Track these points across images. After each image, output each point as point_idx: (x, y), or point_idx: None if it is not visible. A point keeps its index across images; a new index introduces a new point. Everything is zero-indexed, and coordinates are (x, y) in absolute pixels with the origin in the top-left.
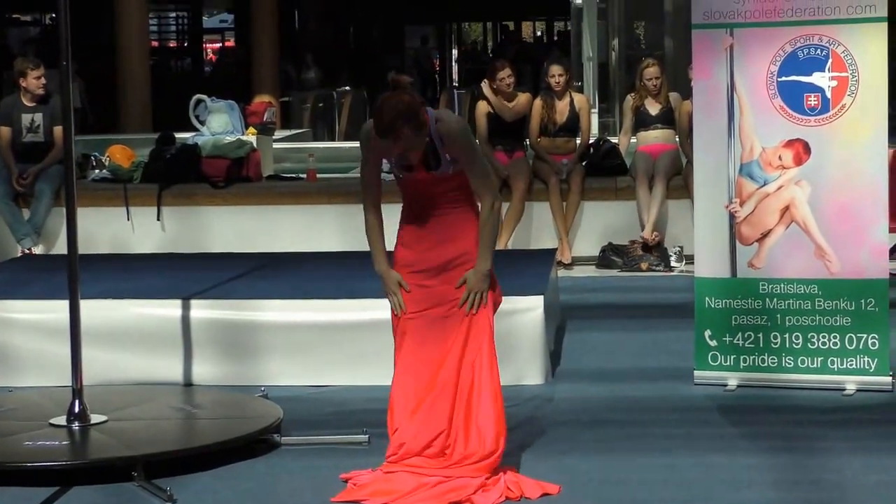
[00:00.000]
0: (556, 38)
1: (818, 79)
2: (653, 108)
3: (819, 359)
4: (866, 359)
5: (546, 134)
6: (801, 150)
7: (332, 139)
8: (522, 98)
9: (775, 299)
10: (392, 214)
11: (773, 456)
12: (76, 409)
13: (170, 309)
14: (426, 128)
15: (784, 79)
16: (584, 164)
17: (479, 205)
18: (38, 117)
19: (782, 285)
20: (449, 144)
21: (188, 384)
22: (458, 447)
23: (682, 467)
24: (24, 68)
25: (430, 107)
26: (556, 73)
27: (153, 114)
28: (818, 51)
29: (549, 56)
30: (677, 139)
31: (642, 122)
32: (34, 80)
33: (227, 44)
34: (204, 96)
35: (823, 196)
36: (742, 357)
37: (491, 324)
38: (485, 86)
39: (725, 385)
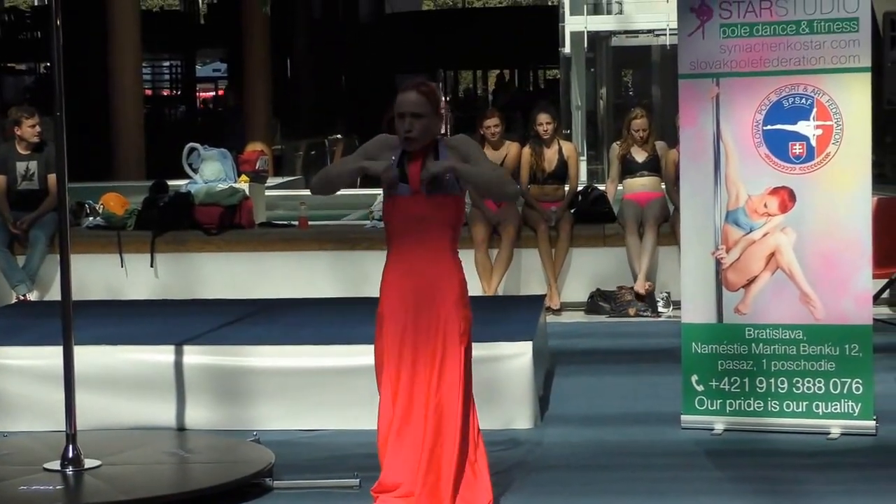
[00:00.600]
0: (542, 87)
1: (803, 127)
2: (639, 155)
3: (804, 403)
4: (850, 403)
5: (535, 181)
6: (787, 197)
7: None
8: (512, 149)
9: (761, 344)
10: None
11: (759, 499)
12: (70, 454)
13: (163, 355)
14: (441, 119)
15: (769, 127)
16: (572, 211)
17: None
18: (33, 165)
19: (768, 331)
20: (456, 147)
21: (181, 429)
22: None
23: None
24: (19, 117)
25: None
26: (543, 122)
27: (147, 161)
28: (803, 100)
29: (536, 105)
30: (664, 186)
31: (629, 169)
32: (29, 129)
33: (219, 92)
34: (197, 144)
35: (808, 243)
36: (728, 401)
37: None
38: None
39: (712, 429)
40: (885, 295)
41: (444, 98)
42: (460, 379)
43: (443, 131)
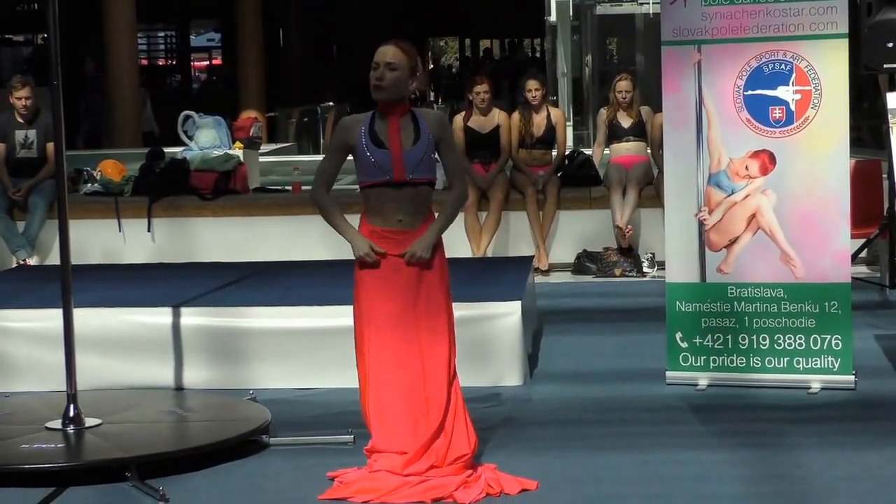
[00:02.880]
0: (535, 55)
1: (783, 92)
2: (625, 121)
3: (785, 359)
4: (830, 359)
5: (523, 146)
6: (767, 160)
7: (317, 153)
8: (501, 117)
9: (743, 302)
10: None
11: (742, 452)
12: (71, 413)
13: (160, 317)
14: (415, 77)
15: (750, 92)
16: (559, 175)
17: (451, 188)
18: (32, 134)
19: (750, 289)
20: (432, 123)
21: (179, 388)
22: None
23: (655, 463)
24: (11, 87)
25: None
26: (532, 88)
27: (143, 129)
28: (782, 66)
29: (525, 72)
30: (649, 151)
31: (615, 134)
32: (17, 100)
33: (214, 62)
34: (192, 112)
35: (788, 204)
36: (712, 358)
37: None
38: (457, 118)
39: (696, 385)
40: (863, 254)
41: (424, 64)
42: (446, 331)
43: (418, 95)
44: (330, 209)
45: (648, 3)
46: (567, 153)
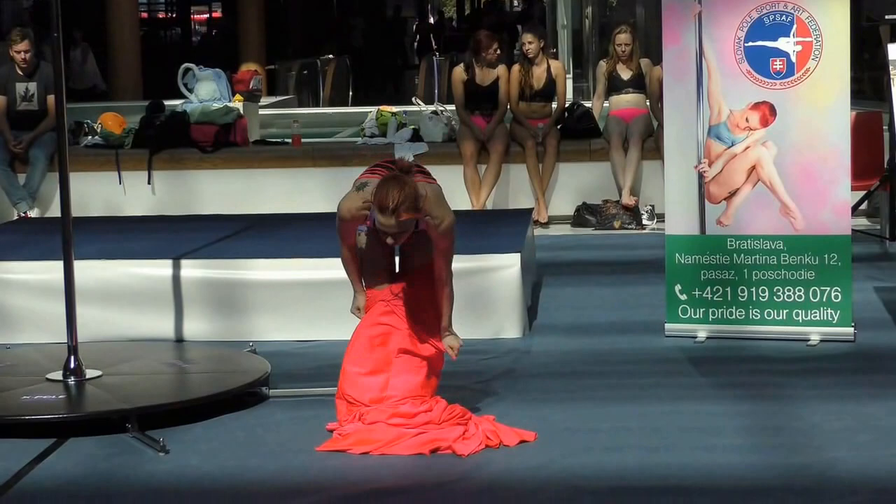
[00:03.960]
0: (529, 7)
1: (783, 44)
2: (624, 73)
3: (784, 311)
4: (830, 311)
5: (523, 99)
6: (767, 112)
7: (317, 105)
8: (501, 71)
9: (742, 255)
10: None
11: (741, 404)
12: (72, 365)
13: (161, 269)
14: (420, 214)
15: (750, 44)
16: (559, 127)
17: (439, 282)
18: (33, 86)
19: (749, 241)
20: (433, 234)
21: (179, 340)
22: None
23: (654, 415)
24: (10, 40)
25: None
26: (527, 41)
27: (143, 82)
28: (783, 17)
29: (524, 25)
30: (648, 103)
31: (614, 86)
32: (16, 54)
33: (213, 15)
34: (192, 65)
35: (788, 156)
36: (711, 310)
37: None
38: (458, 70)
39: (695, 337)
40: (863, 206)
41: (427, 16)
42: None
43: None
44: (347, 265)
45: None
46: (567, 106)
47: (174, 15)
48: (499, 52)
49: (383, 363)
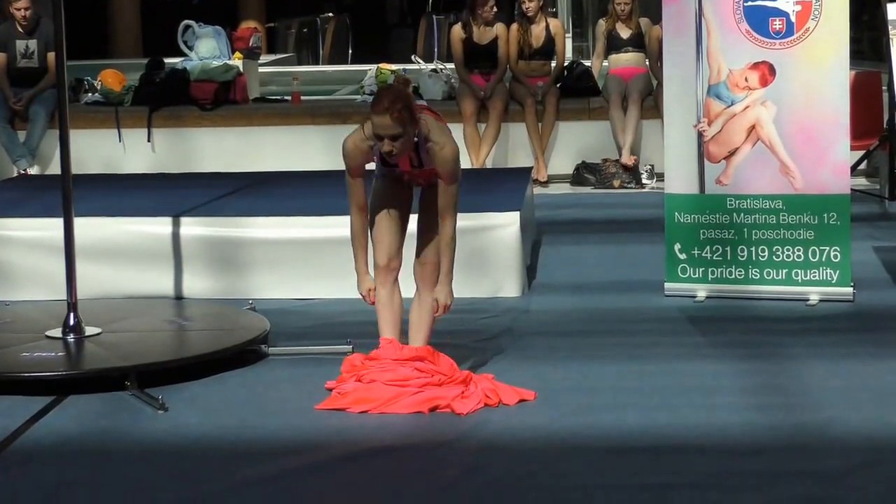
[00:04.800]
0: None
1: (783, 3)
2: (624, 32)
3: (784, 271)
4: (829, 271)
5: (522, 58)
6: (767, 71)
7: (316, 63)
8: (500, 29)
9: (742, 214)
10: None
11: (740, 363)
12: (71, 322)
13: (161, 226)
14: (416, 126)
15: (750, 3)
16: (558, 86)
17: (441, 223)
18: (33, 44)
19: (749, 201)
20: (437, 164)
21: (179, 298)
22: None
23: (653, 374)
24: None
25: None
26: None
27: (143, 40)
28: None
29: None
30: (647, 62)
31: (614, 45)
32: (16, 11)
33: None
34: (192, 22)
35: (788, 116)
36: (710, 269)
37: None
38: (457, 29)
39: (694, 296)
40: (863, 166)
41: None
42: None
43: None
44: (355, 239)
45: None
46: (566, 64)
47: None
48: (495, 9)
49: None
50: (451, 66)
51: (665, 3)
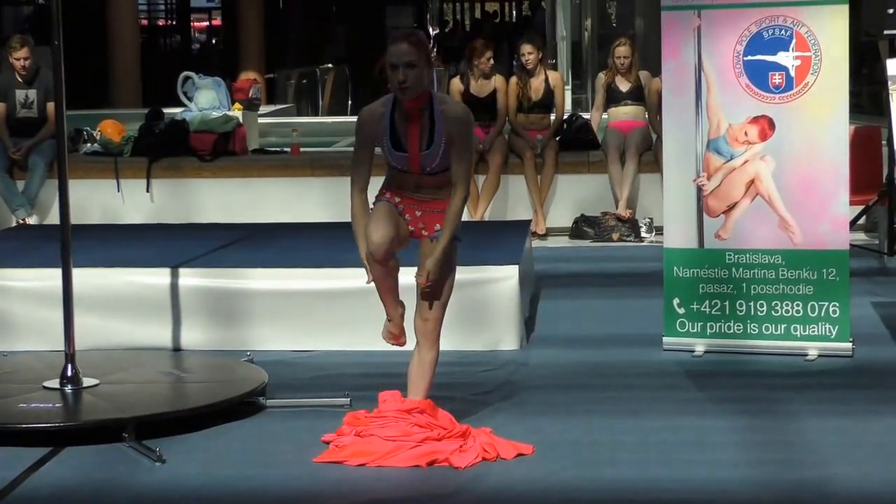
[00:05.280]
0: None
1: (782, 58)
2: (623, 85)
3: (783, 326)
4: (828, 326)
5: (521, 110)
6: (766, 126)
7: (316, 114)
8: (498, 81)
9: (741, 269)
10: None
11: (739, 418)
12: (69, 373)
13: (159, 277)
14: (430, 69)
15: (750, 58)
16: (557, 139)
17: (453, 193)
18: (32, 94)
19: (748, 255)
20: (449, 125)
21: (177, 349)
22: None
23: (652, 429)
24: (10, 47)
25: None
26: (525, 52)
27: (143, 90)
28: (782, 31)
29: (522, 35)
30: (647, 116)
31: (613, 98)
32: (16, 61)
33: (214, 23)
34: (192, 73)
35: (787, 170)
36: (709, 324)
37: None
38: (455, 81)
39: (693, 351)
40: (862, 221)
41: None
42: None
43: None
44: (356, 219)
45: None
46: (565, 117)
47: (174, 22)
48: (492, 62)
49: None
50: None
51: (665, 57)
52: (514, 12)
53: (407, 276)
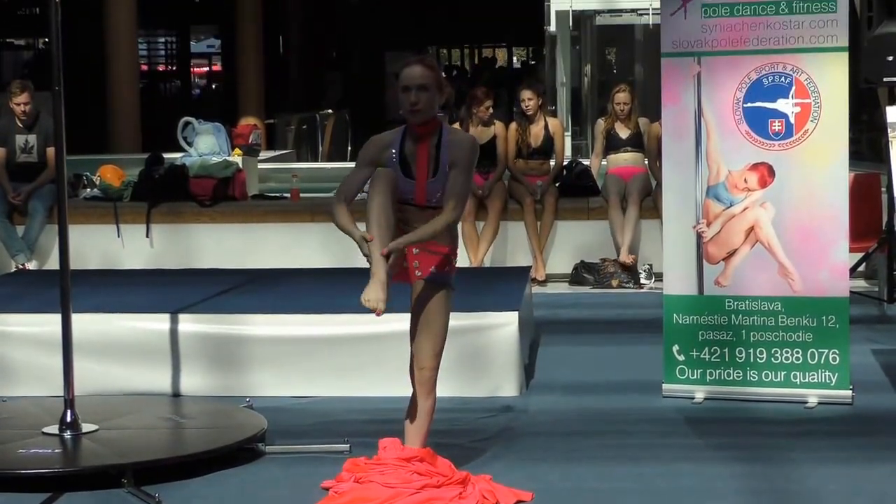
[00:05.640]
0: (532, 62)
1: (782, 105)
2: (623, 131)
3: (782, 373)
4: (827, 373)
5: (521, 156)
6: (766, 173)
7: (316, 160)
8: (498, 128)
9: (740, 316)
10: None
11: (739, 466)
12: (68, 419)
13: (158, 323)
14: (443, 93)
15: (749, 105)
16: (557, 185)
17: (444, 207)
18: (32, 138)
19: (747, 302)
20: (453, 149)
21: (176, 395)
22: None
23: (651, 476)
24: (10, 92)
25: None
26: (525, 98)
27: (143, 135)
28: (782, 78)
29: (522, 81)
30: (646, 162)
31: (613, 145)
32: (16, 106)
33: (213, 68)
34: (192, 118)
35: (787, 217)
36: (708, 371)
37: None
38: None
39: (693, 398)
40: (862, 268)
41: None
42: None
43: (444, 105)
44: (338, 212)
45: (648, 14)
46: (565, 163)
47: (174, 68)
48: (491, 110)
49: None
50: None
51: (664, 103)
52: (514, 58)
53: (400, 323)
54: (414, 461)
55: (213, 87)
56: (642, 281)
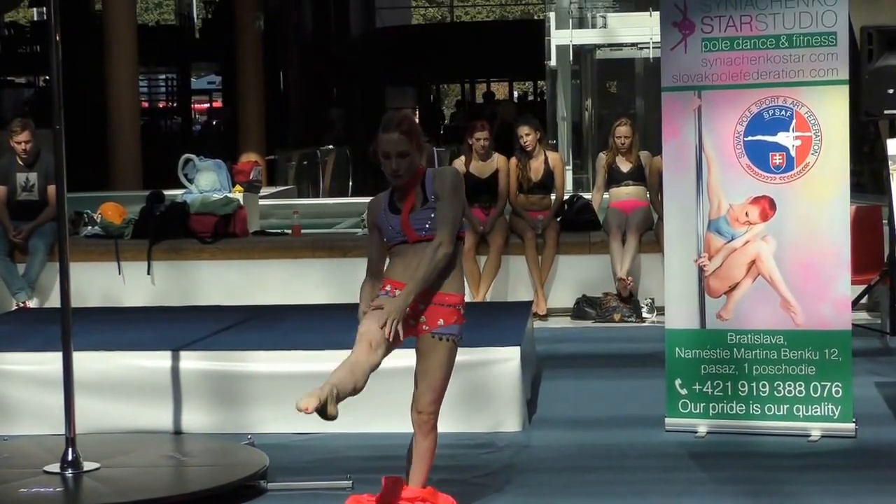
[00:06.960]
0: (534, 98)
1: (783, 138)
2: (624, 165)
3: (785, 406)
4: (830, 406)
5: (521, 191)
6: (767, 206)
7: (317, 196)
8: (500, 162)
9: (743, 349)
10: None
11: (741, 500)
12: (70, 457)
13: (160, 360)
14: (423, 154)
15: (750, 138)
16: (558, 219)
17: (435, 239)
18: (33, 177)
19: (749, 336)
20: (436, 181)
21: (177, 432)
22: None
23: None
24: (11, 131)
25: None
26: (523, 134)
27: (143, 172)
28: (783, 112)
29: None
30: (648, 195)
31: (614, 178)
32: (17, 145)
33: (214, 105)
34: (192, 155)
35: (788, 251)
36: (711, 405)
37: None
38: (458, 162)
39: (695, 432)
40: (864, 301)
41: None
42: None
43: (424, 163)
44: (362, 287)
45: (648, 48)
46: (566, 198)
47: (175, 104)
48: (487, 142)
49: None
50: None
51: (665, 137)
52: (515, 92)
53: (403, 359)
54: (416, 502)
55: (214, 123)
56: (644, 315)
